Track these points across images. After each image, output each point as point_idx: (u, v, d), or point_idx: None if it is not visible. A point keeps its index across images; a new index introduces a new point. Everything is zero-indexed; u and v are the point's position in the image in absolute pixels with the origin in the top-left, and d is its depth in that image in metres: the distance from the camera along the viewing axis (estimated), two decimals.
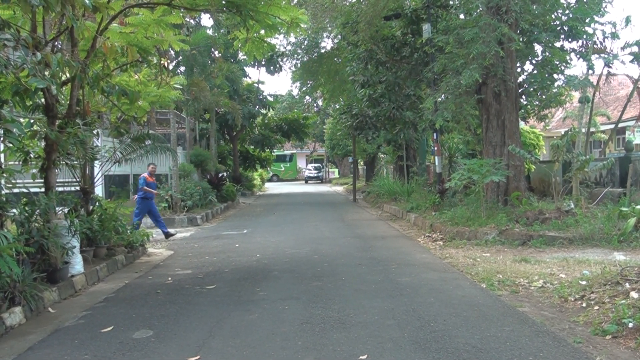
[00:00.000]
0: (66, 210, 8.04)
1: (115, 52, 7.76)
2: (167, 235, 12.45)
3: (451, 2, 15.36)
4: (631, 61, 13.39)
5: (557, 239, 9.51)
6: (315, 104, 44.86)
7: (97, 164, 10.07)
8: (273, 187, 40.63)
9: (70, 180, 9.20)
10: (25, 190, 7.60)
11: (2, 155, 8.19)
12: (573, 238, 9.46)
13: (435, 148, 14.88)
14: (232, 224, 15.41)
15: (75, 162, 8.63)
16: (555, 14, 12.61)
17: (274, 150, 38.45)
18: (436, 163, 14.84)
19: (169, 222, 14.97)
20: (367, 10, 15.71)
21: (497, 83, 11.99)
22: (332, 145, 39.26)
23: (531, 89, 13.37)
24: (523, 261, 8.18)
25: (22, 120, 7.61)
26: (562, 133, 12.45)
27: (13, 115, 6.65)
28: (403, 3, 16.44)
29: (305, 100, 43.05)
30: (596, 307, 5.40)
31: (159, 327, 5.38)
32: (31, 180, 7.96)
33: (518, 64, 13.03)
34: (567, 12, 12.55)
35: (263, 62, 27.99)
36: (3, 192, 6.96)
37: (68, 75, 7.55)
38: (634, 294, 5.21)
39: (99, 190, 11.40)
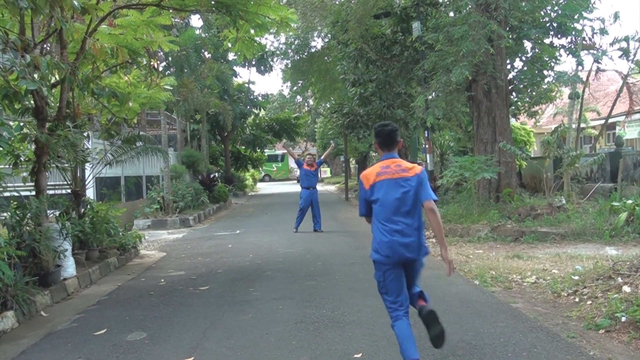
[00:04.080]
0: (57, 213, 7.99)
1: (104, 53, 7.71)
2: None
3: (440, 0, 15.41)
4: (620, 57, 13.48)
5: (549, 234, 9.55)
6: (306, 104, 44.82)
7: (88, 166, 9.99)
8: (265, 187, 40.59)
9: (61, 183, 9.14)
10: (15, 194, 7.54)
11: None
12: (565, 233, 9.51)
13: (427, 146, 14.90)
14: (225, 225, 15.38)
15: (66, 165, 8.55)
16: (544, 10, 12.68)
17: (266, 151, 38.42)
18: (428, 161, 14.86)
19: (161, 223, 14.95)
20: (356, 9, 15.72)
21: (488, 80, 12.05)
22: (324, 145, 39.25)
23: (521, 86, 13.43)
24: (516, 257, 8.22)
25: (11, 123, 7.54)
26: (553, 129, 12.49)
27: (2, 118, 6.60)
28: (392, 1, 16.43)
29: (296, 100, 43.00)
30: (589, 302, 5.43)
31: (152, 329, 5.35)
32: (22, 184, 7.90)
33: (508, 61, 13.09)
34: (556, 8, 12.61)
35: (253, 62, 27.96)
36: None
37: (57, 77, 7.49)
38: (626, 288, 5.24)
39: (90, 193, 11.31)
